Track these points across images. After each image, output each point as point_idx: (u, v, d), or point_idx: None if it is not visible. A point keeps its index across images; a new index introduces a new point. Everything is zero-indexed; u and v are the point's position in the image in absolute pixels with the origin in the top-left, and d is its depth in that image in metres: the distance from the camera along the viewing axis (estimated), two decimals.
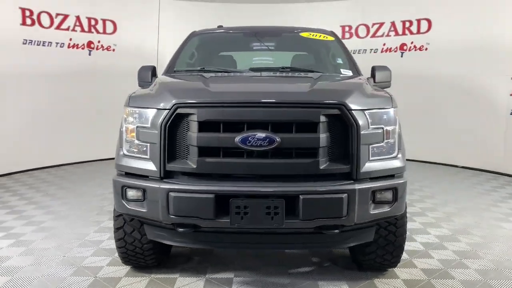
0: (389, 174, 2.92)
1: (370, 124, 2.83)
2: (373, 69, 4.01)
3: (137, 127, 2.87)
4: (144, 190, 2.79)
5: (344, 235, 3.00)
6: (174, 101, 2.76)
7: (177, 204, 2.69)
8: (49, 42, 7.61)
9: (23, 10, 7.22)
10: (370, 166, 2.81)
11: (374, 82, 3.96)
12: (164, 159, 2.77)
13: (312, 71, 3.90)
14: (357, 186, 2.73)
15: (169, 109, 2.75)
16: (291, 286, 3.23)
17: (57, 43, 7.74)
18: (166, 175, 2.80)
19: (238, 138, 2.65)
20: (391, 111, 2.97)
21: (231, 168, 2.74)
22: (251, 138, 2.64)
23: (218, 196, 2.65)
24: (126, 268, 3.51)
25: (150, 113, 2.83)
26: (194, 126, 2.74)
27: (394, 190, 2.88)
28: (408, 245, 3.88)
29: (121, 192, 2.87)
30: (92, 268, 3.52)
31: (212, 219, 2.67)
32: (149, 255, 3.32)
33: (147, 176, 2.82)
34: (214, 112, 2.74)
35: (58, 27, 7.73)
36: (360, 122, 2.77)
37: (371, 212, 2.80)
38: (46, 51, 7.58)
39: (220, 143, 2.71)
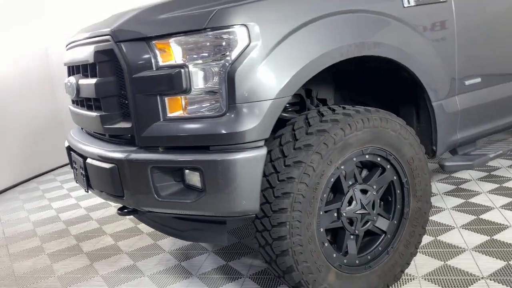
0: (202, 145, 1.76)
1: (159, 62, 1.78)
2: None
3: None
4: None
5: (169, 223, 2.11)
6: None
7: None
8: None
9: None
10: (161, 128, 1.80)
11: None
12: None
13: None
14: (127, 156, 1.86)
15: None
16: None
17: None
18: None
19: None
20: (217, 35, 1.69)
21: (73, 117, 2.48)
22: (66, 83, 2.28)
23: (69, 147, 2.50)
24: None
25: None
26: None
27: (200, 171, 1.73)
28: None
29: None
30: None
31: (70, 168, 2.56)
32: None
33: None
34: None
35: None
36: (134, 58, 1.80)
37: (161, 200, 1.82)
38: None
39: None
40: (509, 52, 2.48)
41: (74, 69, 2.30)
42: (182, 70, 1.71)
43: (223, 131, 1.68)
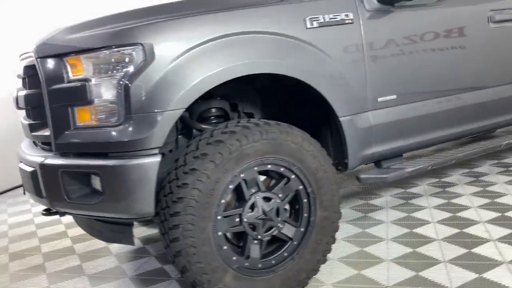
0: (102, 151, 1.94)
1: (70, 75, 1.98)
2: None
3: None
4: None
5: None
6: None
7: None
8: None
9: None
10: (72, 136, 2.00)
11: None
12: None
13: None
14: (43, 161, 2.06)
15: None
16: None
17: None
18: None
19: None
20: (116, 52, 1.89)
21: None
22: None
23: None
24: None
25: None
26: None
27: (99, 176, 1.91)
28: None
29: None
30: None
31: None
32: None
33: None
34: None
35: None
36: (50, 73, 2.01)
37: (70, 201, 2.01)
38: None
39: None
40: (427, 71, 2.57)
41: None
42: (87, 83, 1.90)
43: (119, 139, 1.86)
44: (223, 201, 2.00)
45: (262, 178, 2.16)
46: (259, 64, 2.04)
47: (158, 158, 1.88)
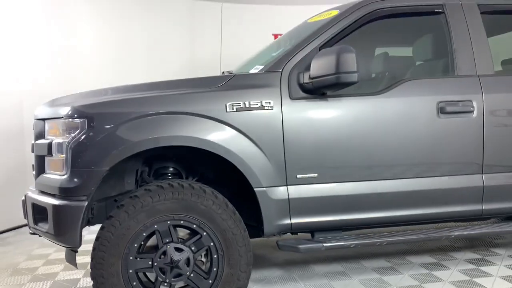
0: (53, 193, 2.60)
1: (46, 135, 2.72)
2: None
3: None
4: None
5: None
6: None
7: None
8: None
9: None
10: (43, 178, 2.71)
11: (310, 77, 2.66)
12: None
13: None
14: (26, 194, 2.80)
15: None
16: None
17: None
18: None
19: None
20: (68, 122, 2.55)
21: None
22: None
23: None
24: None
25: None
26: None
27: (47, 210, 2.58)
28: None
29: None
30: None
31: None
32: None
33: None
34: None
35: None
36: (38, 131, 2.77)
37: (36, 226, 2.71)
38: None
39: None
40: (354, 155, 2.70)
41: None
42: (50, 142, 2.59)
43: (61, 185, 2.49)
44: (135, 244, 2.48)
45: (184, 231, 2.60)
46: (172, 139, 2.50)
47: (84, 203, 2.45)
